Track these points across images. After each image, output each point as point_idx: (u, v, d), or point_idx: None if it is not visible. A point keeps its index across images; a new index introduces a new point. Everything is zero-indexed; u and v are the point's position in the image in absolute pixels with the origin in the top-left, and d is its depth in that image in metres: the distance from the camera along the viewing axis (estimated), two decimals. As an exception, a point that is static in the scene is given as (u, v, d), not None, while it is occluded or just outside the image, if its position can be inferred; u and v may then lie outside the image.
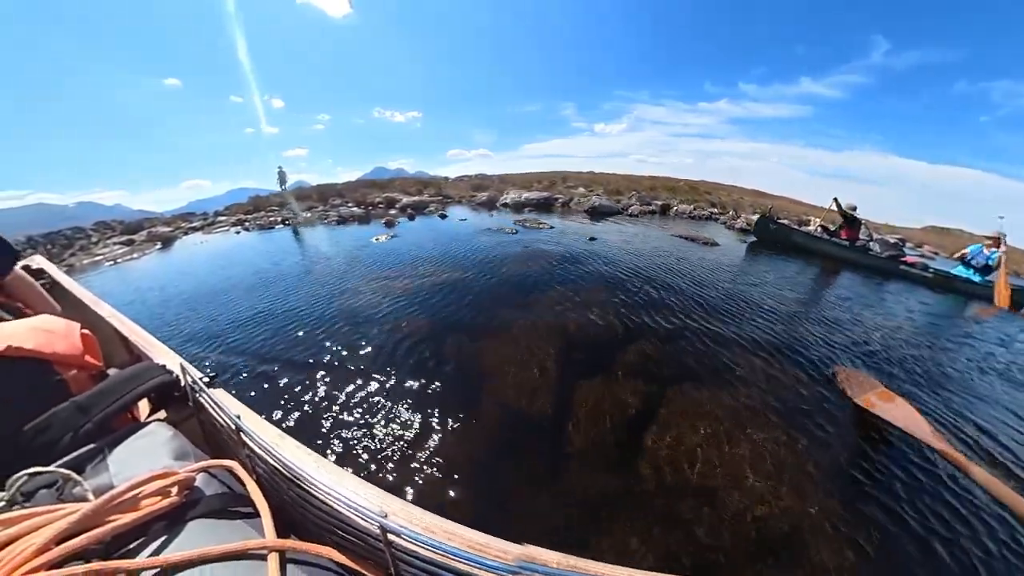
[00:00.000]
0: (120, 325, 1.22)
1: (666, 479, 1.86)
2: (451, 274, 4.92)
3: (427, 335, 3.22)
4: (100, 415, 0.69)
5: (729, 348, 3.16)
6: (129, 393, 0.77)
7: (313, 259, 6.29)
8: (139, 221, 10.54)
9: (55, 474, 0.53)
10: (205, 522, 0.51)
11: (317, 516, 0.63)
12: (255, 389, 2.59)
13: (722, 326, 3.56)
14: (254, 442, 0.69)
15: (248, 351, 3.09)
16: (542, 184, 16.49)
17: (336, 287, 4.63)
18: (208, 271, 5.90)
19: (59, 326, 0.77)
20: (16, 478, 0.52)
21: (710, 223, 11.49)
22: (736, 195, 17.02)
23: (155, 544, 0.46)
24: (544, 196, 12.93)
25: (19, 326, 0.73)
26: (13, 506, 0.49)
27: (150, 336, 1.13)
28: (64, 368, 0.74)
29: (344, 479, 0.63)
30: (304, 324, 3.52)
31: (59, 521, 0.44)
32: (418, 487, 1.80)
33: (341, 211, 11.11)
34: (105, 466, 0.58)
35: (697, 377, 2.71)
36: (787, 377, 2.80)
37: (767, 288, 5.08)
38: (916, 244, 13.60)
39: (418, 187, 15.25)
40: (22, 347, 0.68)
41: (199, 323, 3.76)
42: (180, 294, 4.77)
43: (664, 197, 14.39)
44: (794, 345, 3.34)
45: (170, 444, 0.64)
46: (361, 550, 0.58)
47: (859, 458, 2.08)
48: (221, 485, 0.59)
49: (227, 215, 11.93)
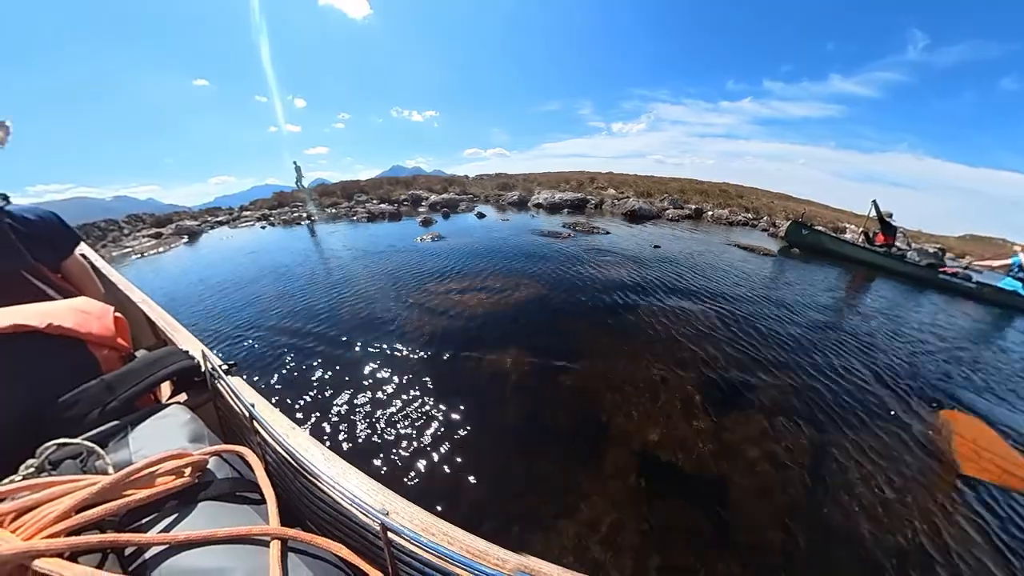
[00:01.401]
0: (149, 311, 1.29)
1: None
2: (529, 289, 4.39)
3: (537, 370, 2.78)
4: (125, 394, 0.72)
5: (841, 383, 2.97)
6: (153, 375, 0.80)
7: (357, 261, 5.87)
8: (168, 215, 10.95)
9: (81, 446, 0.56)
10: (214, 504, 0.52)
11: (320, 508, 0.64)
12: (301, 396, 2.54)
13: (827, 359, 3.34)
14: (266, 431, 0.71)
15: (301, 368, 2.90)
16: (570, 185, 16.40)
17: (399, 296, 4.17)
18: (239, 274, 5.45)
19: (95, 308, 0.82)
20: (46, 447, 0.55)
21: (748, 229, 11.20)
22: (765, 199, 16.63)
23: (166, 521, 0.48)
24: (577, 197, 12.81)
25: (61, 306, 0.78)
26: (41, 473, 0.52)
27: (176, 322, 1.19)
28: (97, 347, 0.78)
29: (349, 474, 0.64)
30: (364, 340, 3.24)
31: (81, 491, 0.46)
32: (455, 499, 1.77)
33: (370, 208, 11.04)
34: (126, 442, 0.61)
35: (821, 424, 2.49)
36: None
37: (862, 313, 4.86)
38: (958, 254, 12.82)
39: (443, 185, 15.37)
40: (62, 325, 0.73)
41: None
42: (203, 303, 4.35)
43: (696, 201, 14.17)
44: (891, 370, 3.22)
45: (187, 427, 0.66)
46: (361, 546, 0.58)
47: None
48: (232, 470, 0.60)
49: (252, 210, 12.28)
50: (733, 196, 16.03)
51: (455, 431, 2.25)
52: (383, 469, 1.99)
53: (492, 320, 3.62)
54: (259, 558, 0.45)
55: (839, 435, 2.40)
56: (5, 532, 0.40)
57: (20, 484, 0.49)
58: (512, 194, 13.65)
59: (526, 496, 1.84)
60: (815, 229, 9.07)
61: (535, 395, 2.58)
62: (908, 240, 8.85)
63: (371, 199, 12.84)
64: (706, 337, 3.51)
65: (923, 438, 2.45)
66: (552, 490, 1.88)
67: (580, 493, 1.87)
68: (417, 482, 1.92)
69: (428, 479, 1.93)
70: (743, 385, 2.81)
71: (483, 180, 17.86)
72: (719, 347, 3.34)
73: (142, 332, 1.35)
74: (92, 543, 0.40)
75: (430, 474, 1.96)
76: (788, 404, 2.64)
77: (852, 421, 2.54)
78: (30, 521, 0.42)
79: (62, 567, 0.37)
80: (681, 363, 3.03)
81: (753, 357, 3.23)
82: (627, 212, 11.49)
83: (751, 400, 2.65)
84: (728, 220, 12.05)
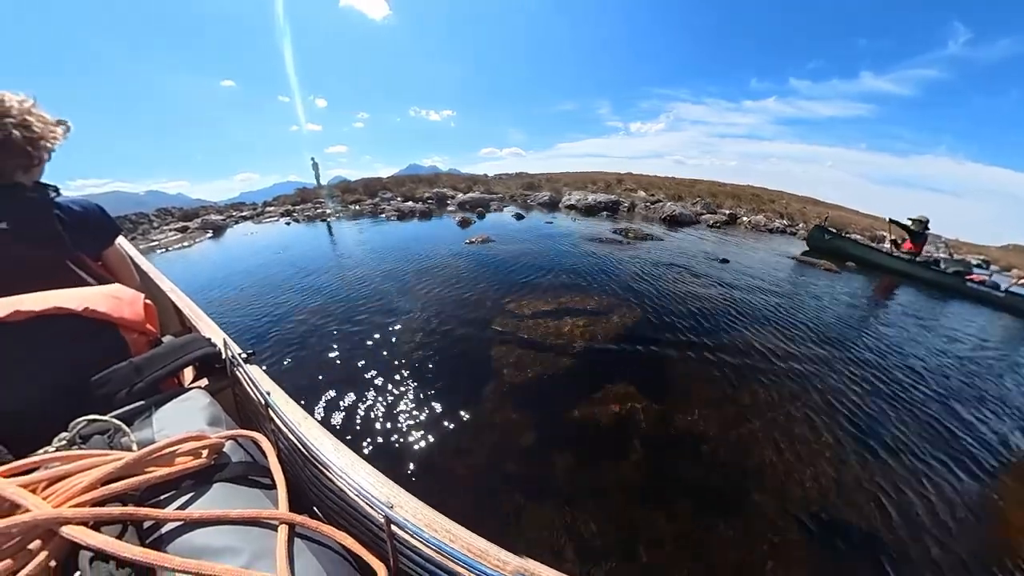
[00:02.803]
0: (176, 299, 1.35)
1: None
2: (622, 313, 3.77)
3: (658, 417, 2.44)
4: (151, 376, 0.76)
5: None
6: (178, 360, 0.84)
7: (405, 266, 5.29)
8: (195, 209, 11.25)
9: (109, 423, 0.59)
10: (228, 486, 0.54)
11: (328, 497, 0.65)
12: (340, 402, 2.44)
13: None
14: (279, 418, 0.73)
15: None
16: (597, 185, 16.18)
17: (479, 320, 3.56)
18: (270, 279, 4.97)
19: (127, 295, 0.86)
20: (77, 422, 0.58)
21: (788, 238, 10.79)
22: (797, 205, 16.02)
23: (183, 499, 0.50)
24: (611, 200, 12.50)
25: (97, 291, 0.82)
26: (72, 446, 0.55)
27: (200, 311, 1.24)
28: (127, 331, 0.82)
29: (357, 465, 0.65)
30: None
31: (106, 465, 0.48)
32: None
33: (399, 206, 10.74)
34: (150, 422, 0.64)
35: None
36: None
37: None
38: (1005, 267, 11.92)
39: (467, 183, 15.30)
40: (97, 309, 0.77)
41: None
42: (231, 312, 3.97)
43: (729, 205, 13.77)
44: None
45: (206, 410, 0.68)
46: (365, 536, 0.59)
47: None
48: (246, 454, 0.62)
49: (275, 205, 12.48)
50: (765, 201, 15.58)
51: (566, 487, 1.96)
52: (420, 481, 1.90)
53: (599, 355, 3.07)
54: (267, 541, 0.46)
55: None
56: (37, 499, 0.42)
57: (53, 455, 0.52)
58: (541, 195, 13.37)
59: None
60: (838, 234, 9.01)
61: (658, 446, 2.26)
62: (950, 250, 8.55)
63: (395, 196, 12.77)
64: (869, 401, 2.93)
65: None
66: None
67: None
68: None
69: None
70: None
71: (504, 179, 17.75)
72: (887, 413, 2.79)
73: (169, 319, 1.42)
74: (114, 515, 0.42)
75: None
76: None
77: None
78: (60, 490, 0.45)
79: (86, 534, 0.39)
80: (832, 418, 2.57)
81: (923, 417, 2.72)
82: (666, 217, 10.94)
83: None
84: (766, 227, 11.57)
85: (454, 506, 1.73)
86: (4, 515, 0.42)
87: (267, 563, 0.44)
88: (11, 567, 0.38)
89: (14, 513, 0.42)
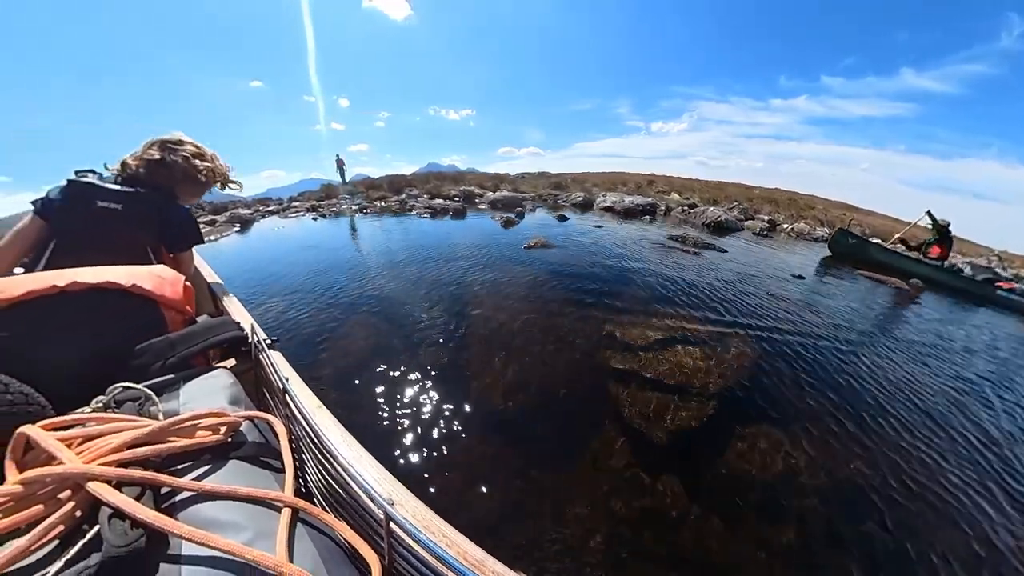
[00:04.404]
0: (214, 284, 1.45)
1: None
2: (741, 341, 3.26)
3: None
4: (183, 352, 0.81)
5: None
6: (208, 340, 0.89)
7: (462, 272, 4.65)
8: (224, 203, 11.34)
9: (140, 391, 0.63)
10: (240, 464, 0.56)
11: (331, 486, 0.66)
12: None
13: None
14: (295, 405, 0.76)
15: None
16: (628, 187, 15.87)
17: (581, 364, 2.80)
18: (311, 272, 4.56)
19: (170, 275, 0.93)
20: (114, 387, 0.62)
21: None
22: (835, 210, 15.04)
23: (199, 471, 0.52)
24: (648, 202, 12.03)
25: (144, 270, 0.90)
26: (107, 409, 0.59)
27: (233, 297, 1.32)
28: (167, 309, 0.88)
29: (363, 459, 0.66)
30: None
31: (134, 430, 0.51)
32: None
33: (432, 204, 10.48)
34: (177, 395, 0.67)
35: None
36: None
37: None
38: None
39: (494, 182, 15.18)
40: (142, 286, 0.84)
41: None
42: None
43: (767, 211, 13.11)
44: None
45: (229, 389, 0.72)
46: (363, 530, 0.59)
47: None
48: (260, 435, 0.65)
49: (300, 201, 12.50)
50: (803, 206, 14.82)
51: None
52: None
53: (731, 397, 2.57)
54: (270, 522, 0.48)
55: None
56: (71, 453, 0.46)
57: (89, 415, 0.56)
58: (573, 195, 13.01)
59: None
60: (862, 238, 8.78)
61: (828, 500, 1.93)
62: (1004, 263, 8.04)
63: (421, 194, 12.65)
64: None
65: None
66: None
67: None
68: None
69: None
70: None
71: (528, 178, 17.43)
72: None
73: (204, 300, 1.51)
74: (135, 477, 0.45)
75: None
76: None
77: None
78: (91, 448, 0.48)
79: (109, 492, 0.41)
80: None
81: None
82: (711, 223, 10.18)
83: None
84: (810, 235, 10.84)
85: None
86: (41, 464, 0.46)
87: (268, 543, 0.45)
88: (42, 512, 0.41)
89: (50, 464, 0.45)
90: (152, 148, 1.28)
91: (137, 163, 1.26)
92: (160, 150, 1.28)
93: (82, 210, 1.13)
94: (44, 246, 1.12)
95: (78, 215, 1.13)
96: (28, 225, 1.13)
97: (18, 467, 0.46)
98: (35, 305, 0.72)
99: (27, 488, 0.41)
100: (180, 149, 1.30)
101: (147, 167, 1.26)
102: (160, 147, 1.29)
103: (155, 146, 1.29)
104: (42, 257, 1.11)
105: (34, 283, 0.74)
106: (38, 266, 1.10)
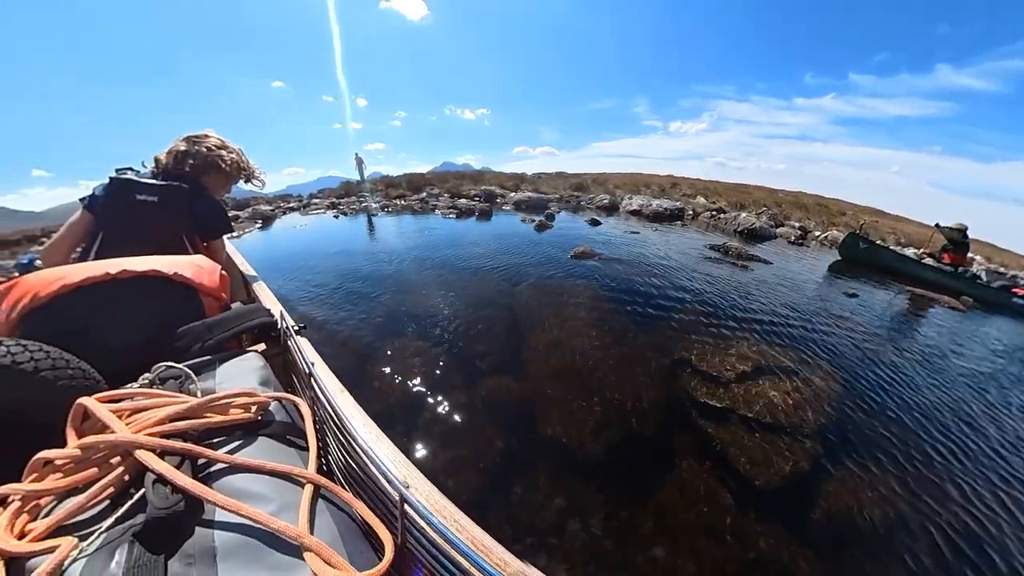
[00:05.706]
0: (247, 273, 1.53)
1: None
2: (822, 371, 3.01)
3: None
4: (219, 336, 0.87)
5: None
6: (242, 325, 0.95)
7: (510, 279, 4.35)
8: (247, 199, 11.55)
9: (181, 371, 0.68)
10: (268, 441, 0.60)
11: (350, 466, 0.69)
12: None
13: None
14: (319, 388, 0.80)
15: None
16: (651, 189, 15.38)
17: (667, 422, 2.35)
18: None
19: (208, 265, 1.00)
20: (158, 366, 0.68)
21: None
22: (869, 216, 13.99)
23: (231, 445, 0.56)
24: (676, 207, 11.59)
25: (184, 260, 0.97)
26: (152, 385, 0.65)
27: (264, 285, 1.39)
28: (204, 296, 0.95)
29: (381, 442, 0.69)
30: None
31: (176, 405, 0.56)
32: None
33: (456, 203, 10.31)
34: (213, 375, 0.72)
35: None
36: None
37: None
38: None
39: (514, 182, 15.06)
40: (183, 275, 0.91)
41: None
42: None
43: (797, 217, 12.46)
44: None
45: (259, 372, 0.76)
46: (379, 510, 0.62)
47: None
48: (287, 415, 0.69)
49: (320, 198, 12.52)
50: (834, 212, 14.06)
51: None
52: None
53: (827, 438, 2.35)
54: (294, 496, 0.51)
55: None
56: (122, 424, 0.50)
57: (137, 390, 0.61)
58: (597, 197, 12.67)
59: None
60: (875, 243, 8.38)
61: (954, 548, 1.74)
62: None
63: (441, 193, 12.59)
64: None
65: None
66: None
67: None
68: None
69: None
70: None
71: (547, 179, 17.01)
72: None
73: (238, 289, 1.60)
74: (176, 448, 0.49)
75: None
76: None
77: None
78: (139, 420, 0.53)
79: (153, 460, 0.45)
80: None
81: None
82: (744, 231, 9.58)
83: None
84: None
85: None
86: (97, 432, 0.51)
87: (291, 516, 0.48)
88: (96, 474, 0.45)
89: (104, 432, 0.50)
90: (180, 142, 1.38)
91: (167, 157, 1.36)
92: (186, 142, 1.38)
93: (123, 204, 1.23)
94: (93, 237, 1.23)
95: (120, 208, 1.23)
96: (79, 219, 1.24)
97: (77, 434, 0.51)
98: (92, 290, 0.79)
99: (84, 453, 0.46)
100: (204, 140, 1.40)
101: (175, 159, 1.35)
102: (186, 140, 1.39)
103: (183, 140, 1.39)
104: (92, 247, 1.22)
105: (91, 271, 0.81)
106: (90, 255, 1.20)
